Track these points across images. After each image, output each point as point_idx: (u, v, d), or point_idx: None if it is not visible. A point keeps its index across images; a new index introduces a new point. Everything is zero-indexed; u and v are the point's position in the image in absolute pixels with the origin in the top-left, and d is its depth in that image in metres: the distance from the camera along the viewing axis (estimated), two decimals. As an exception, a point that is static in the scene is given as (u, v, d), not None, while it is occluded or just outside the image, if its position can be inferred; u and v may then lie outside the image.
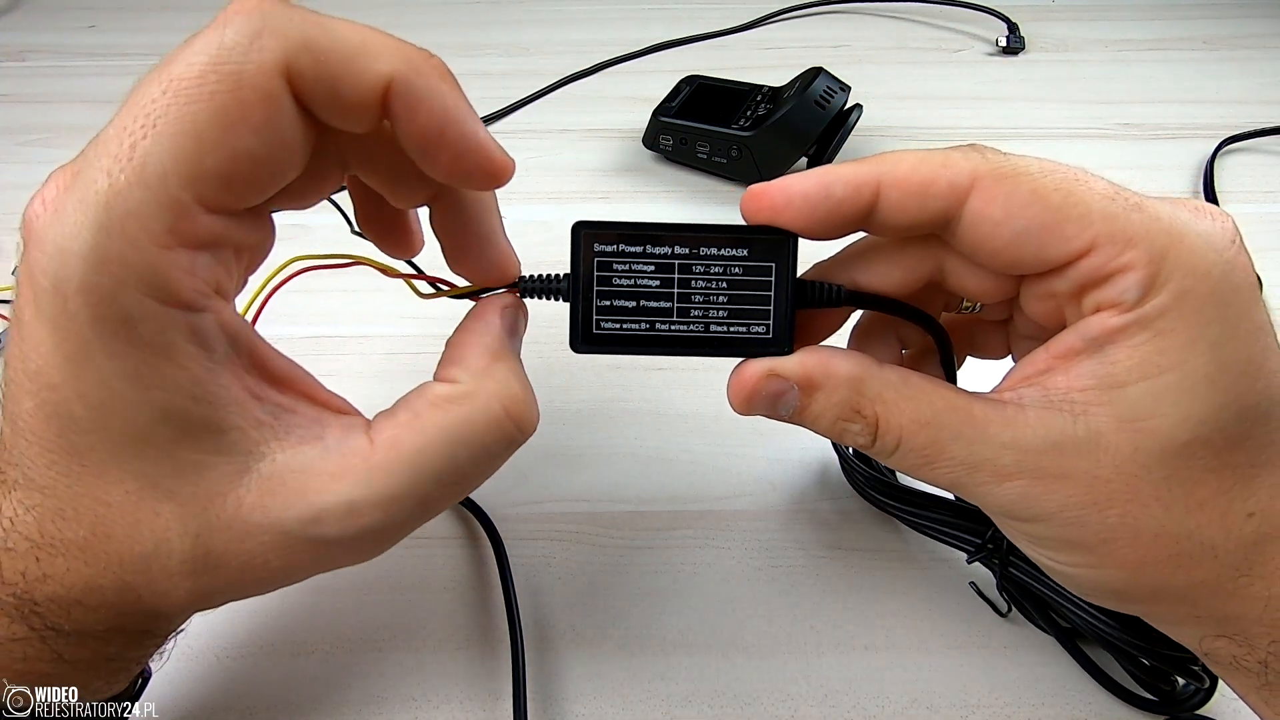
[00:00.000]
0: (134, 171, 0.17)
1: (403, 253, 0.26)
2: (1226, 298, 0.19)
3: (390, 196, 0.23)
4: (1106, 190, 0.20)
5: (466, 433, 0.21)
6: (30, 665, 0.19)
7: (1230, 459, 0.19)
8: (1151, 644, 0.26)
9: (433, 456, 0.20)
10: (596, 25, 0.70)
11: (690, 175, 0.53)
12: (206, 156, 0.17)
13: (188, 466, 0.19)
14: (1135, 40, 0.67)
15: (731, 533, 0.34)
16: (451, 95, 0.19)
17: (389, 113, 0.19)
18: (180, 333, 0.18)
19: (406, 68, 0.18)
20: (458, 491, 0.22)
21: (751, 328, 0.22)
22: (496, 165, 0.20)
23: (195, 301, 0.18)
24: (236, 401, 0.19)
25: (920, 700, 0.29)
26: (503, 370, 0.22)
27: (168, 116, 0.17)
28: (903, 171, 0.20)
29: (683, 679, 0.29)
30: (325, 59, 0.18)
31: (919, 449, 0.21)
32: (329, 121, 0.19)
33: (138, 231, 0.17)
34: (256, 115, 0.17)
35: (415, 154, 0.20)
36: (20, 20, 0.72)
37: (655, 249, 0.22)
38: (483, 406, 0.21)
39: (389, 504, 0.20)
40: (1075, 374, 0.20)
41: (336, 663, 0.30)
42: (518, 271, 0.24)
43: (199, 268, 0.18)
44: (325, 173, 0.22)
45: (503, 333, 0.22)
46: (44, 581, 0.19)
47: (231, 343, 0.19)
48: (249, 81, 0.17)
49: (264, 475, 0.19)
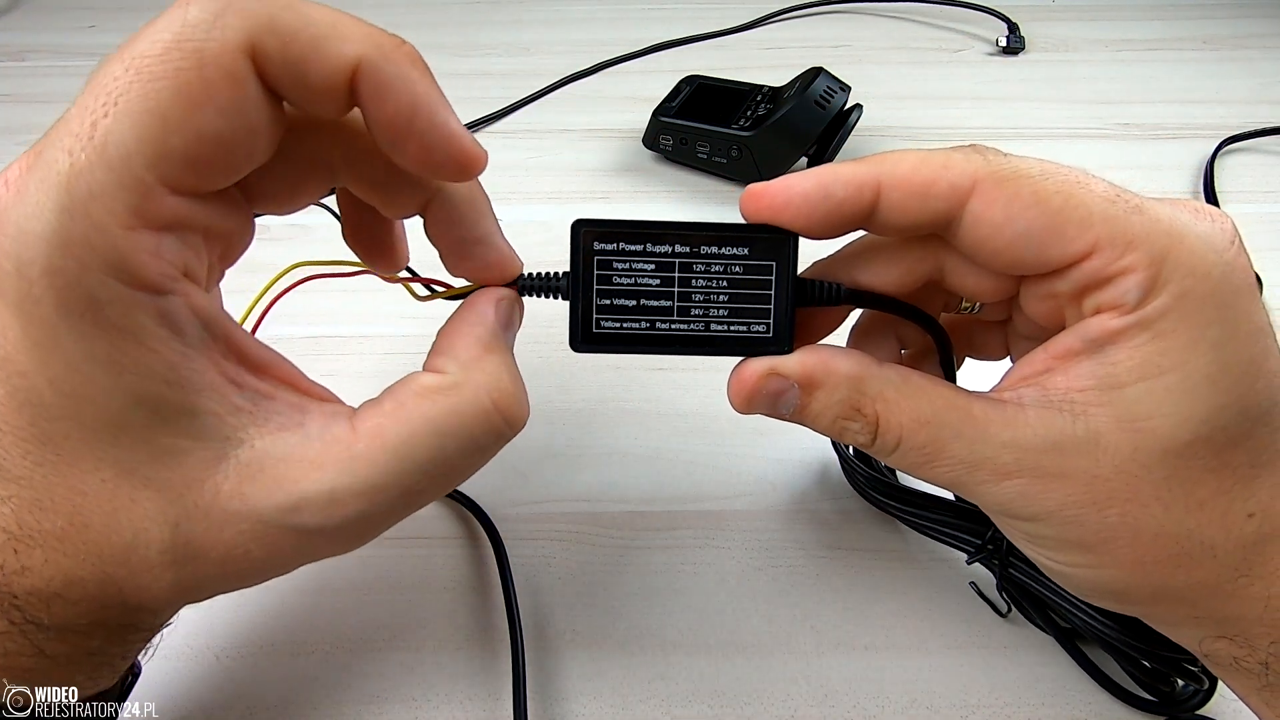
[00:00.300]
0: (95, 151, 0.16)
1: (388, 268, 0.26)
2: (1227, 299, 0.19)
3: (380, 206, 0.23)
4: (1107, 192, 0.20)
5: (453, 424, 0.20)
6: (11, 660, 0.19)
7: (1230, 459, 0.19)
8: (1151, 645, 0.26)
9: (417, 447, 0.20)
10: (596, 25, 0.70)
11: (690, 175, 0.53)
12: (170, 136, 0.17)
13: (164, 452, 0.18)
14: (1135, 40, 0.67)
15: (731, 533, 0.34)
16: (421, 82, 0.19)
17: (357, 98, 0.18)
18: (149, 315, 0.17)
19: (375, 52, 0.18)
20: (444, 484, 0.21)
21: (752, 326, 0.22)
22: (468, 155, 0.20)
23: (161, 284, 0.18)
24: (212, 386, 0.19)
25: (920, 700, 0.29)
26: (493, 362, 0.21)
27: (129, 94, 0.16)
28: (903, 172, 0.20)
29: (683, 679, 0.29)
30: (291, 40, 0.17)
31: (919, 447, 0.21)
32: (297, 104, 0.19)
33: (100, 212, 0.16)
34: (221, 94, 0.17)
35: (384, 143, 0.19)
36: (20, 20, 0.72)
37: (655, 247, 0.22)
38: (470, 398, 0.20)
39: (371, 493, 0.19)
40: (1075, 374, 0.20)
41: (336, 663, 0.30)
42: (519, 269, 0.24)
43: (165, 249, 0.18)
44: (307, 177, 0.22)
45: (496, 325, 0.22)
46: (23, 574, 0.19)
47: (205, 327, 0.19)
48: (212, 60, 0.17)
49: (242, 462, 0.19)
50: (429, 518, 0.34)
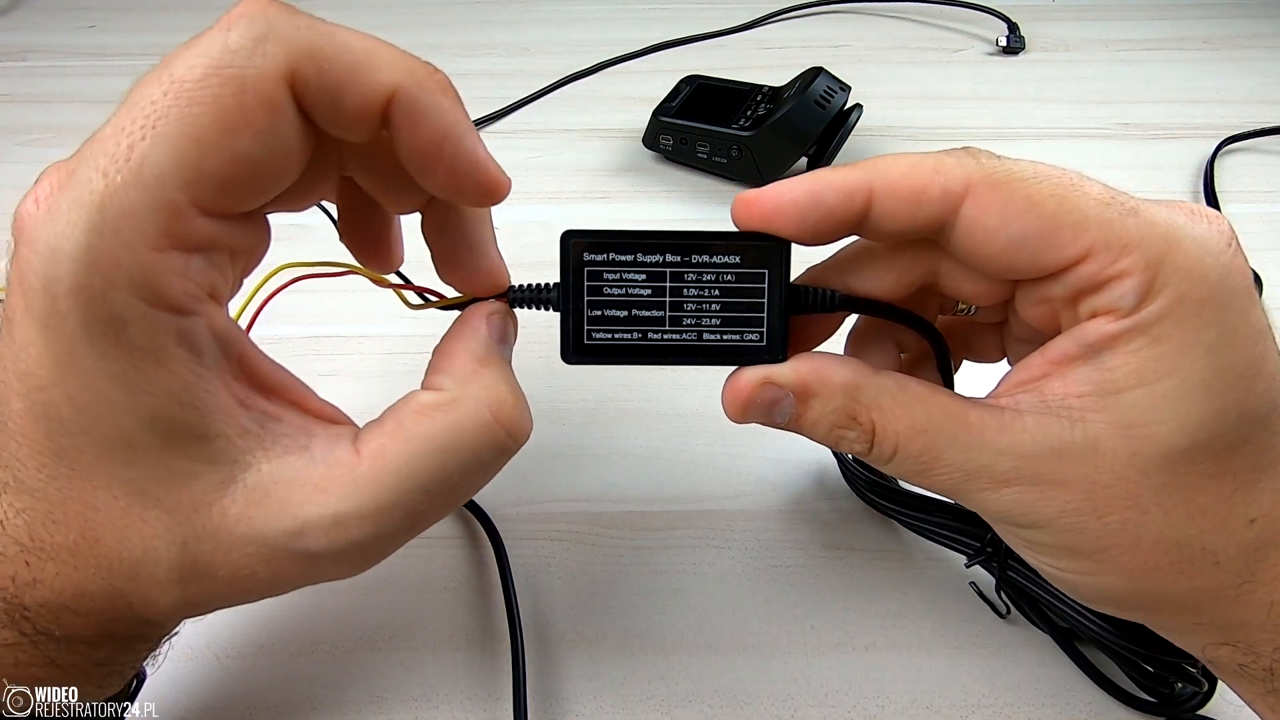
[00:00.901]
0: (131, 173, 0.16)
1: (382, 267, 0.26)
2: (1224, 302, 0.19)
3: (384, 200, 0.23)
4: (1102, 195, 0.19)
5: (454, 440, 0.20)
6: (23, 670, 0.19)
7: (1230, 464, 0.19)
8: (1149, 648, 0.26)
9: (420, 467, 0.20)
10: (596, 25, 0.70)
11: (690, 175, 0.53)
12: (206, 160, 0.17)
13: (174, 474, 0.18)
14: (1135, 40, 0.67)
15: (731, 533, 0.34)
16: (453, 111, 0.19)
17: (389, 124, 0.19)
18: (170, 336, 0.18)
19: (410, 81, 0.18)
20: (448, 502, 0.21)
21: (745, 335, 0.22)
22: (493, 183, 0.20)
23: (186, 305, 0.18)
24: (223, 408, 0.19)
25: (920, 700, 0.29)
26: (490, 376, 0.21)
27: (168, 118, 0.17)
28: (895, 178, 0.20)
29: (683, 679, 0.29)
30: (329, 67, 0.18)
31: (915, 455, 0.21)
32: (328, 130, 0.19)
33: (131, 233, 0.17)
34: (258, 121, 0.17)
35: (412, 167, 0.20)
36: (20, 20, 0.72)
37: (646, 257, 0.22)
38: (470, 412, 0.20)
39: (376, 516, 0.19)
40: (1072, 380, 0.20)
41: (336, 663, 0.30)
42: (507, 282, 0.23)
43: (192, 271, 0.18)
44: (322, 175, 0.22)
45: (489, 338, 0.22)
46: (34, 586, 0.19)
47: (222, 348, 0.19)
48: (252, 86, 0.17)
49: (249, 486, 0.19)
50: (429, 518, 0.34)
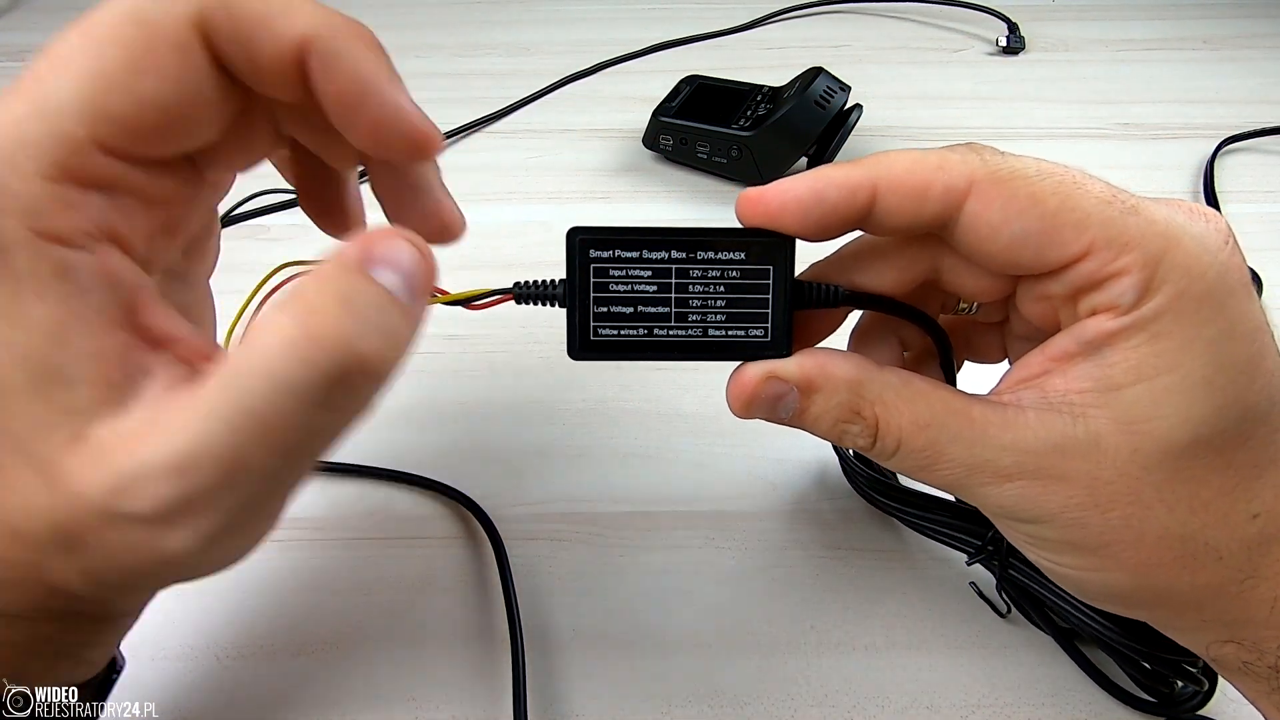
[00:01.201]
0: (32, 104, 0.17)
1: (339, 231, 0.25)
2: (1222, 298, 0.19)
3: (326, 157, 0.23)
4: (1103, 193, 0.19)
5: (259, 367, 0.16)
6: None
7: (1232, 460, 0.19)
8: (1150, 647, 0.26)
9: (227, 404, 0.16)
10: (596, 25, 0.70)
11: (690, 175, 0.53)
12: (109, 96, 0.17)
13: (39, 425, 0.17)
14: (1135, 40, 0.67)
15: (731, 533, 0.34)
16: (371, 61, 0.19)
17: (308, 77, 0.19)
18: (51, 266, 0.17)
19: (325, 30, 0.18)
20: (296, 452, 0.17)
21: (750, 331, 0.22)
22: (420, 134, 0.19)
23: (74, 239, 0.17)
24: (92, 355, 0.17)
25: (920, 700, 0.29)
26: (326, 292, 0.17)
27: (75, 57, 0.17)
28: (898, 174, 0.20)
29: (683, 679, 0.29)
30: (240, 15, 0.18)
31: (918, 451, 0.21)
32: (249, 83, 0.19)
33: (25, 160, 0.17)
34: (166, 63, 0.17)
35: (336, 120, 0.19)
36: (20, 20, 0.72)
37: (651, 254, 0.22)
38: (271, 331, 0.16)
39: (190, 468, 0.16)
40: (1072, 376, 0.20)
41: (336, 663, 0.30)
42: (462, 226, 0.23)
43: (88, 207, 0.18)
44: (258, 132, 0.22)
45: (358, 257, 0.18)
46: None
47: (111, 292, 0.18)
48: (160, 30, 0.17)
49: (91, 444, 0.17)
50: (429, 518, 0.34)
